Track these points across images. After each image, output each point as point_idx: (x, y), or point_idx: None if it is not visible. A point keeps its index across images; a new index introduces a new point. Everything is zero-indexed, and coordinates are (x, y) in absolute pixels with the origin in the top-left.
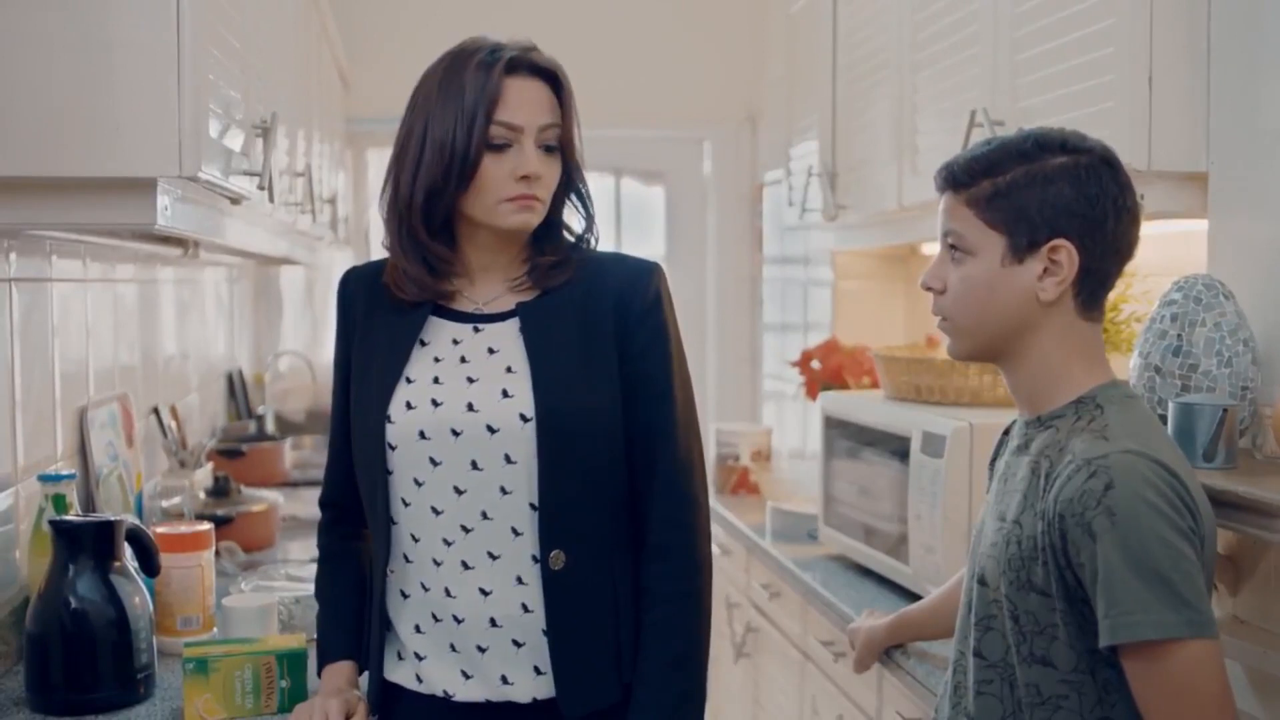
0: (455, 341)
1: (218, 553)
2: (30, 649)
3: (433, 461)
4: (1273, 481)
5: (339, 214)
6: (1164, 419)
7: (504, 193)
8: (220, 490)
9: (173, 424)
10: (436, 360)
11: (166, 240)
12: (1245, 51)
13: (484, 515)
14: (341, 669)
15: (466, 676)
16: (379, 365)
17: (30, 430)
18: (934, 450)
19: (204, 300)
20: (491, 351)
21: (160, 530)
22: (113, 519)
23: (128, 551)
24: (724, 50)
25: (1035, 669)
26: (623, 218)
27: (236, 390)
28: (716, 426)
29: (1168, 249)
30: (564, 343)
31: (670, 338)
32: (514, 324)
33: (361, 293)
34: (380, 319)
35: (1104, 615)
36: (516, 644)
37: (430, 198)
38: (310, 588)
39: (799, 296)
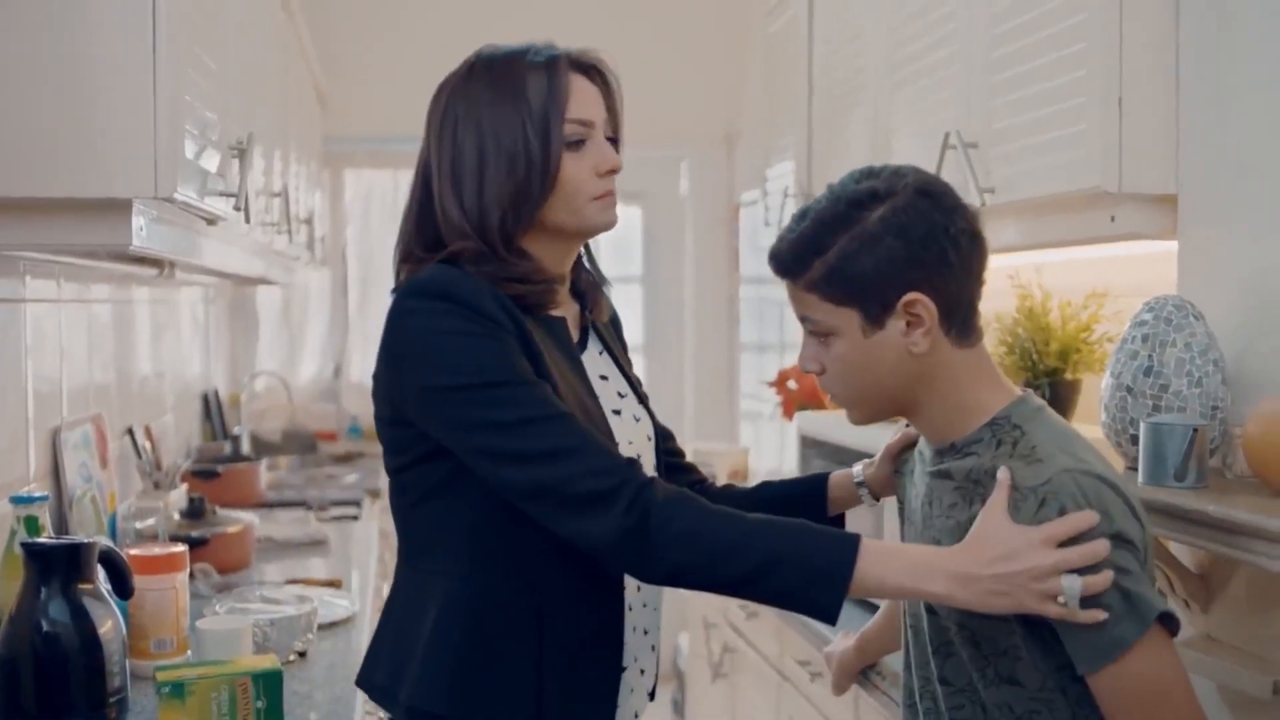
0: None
1: (192, 575)
2: (0, 673)
3: None
4: (1243, 500)
5: (316, 234)
6: (1135, 439)
7: (591, 190)
8: (195, 511)
9: (147, 445)
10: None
11: (142, 260)
12: (1213, 75)
13: None
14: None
15: (631, 691)
16: (574, 389)
17: (2, 451)
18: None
19: (180, 320)
20: (604, 378)
21: (134, 552)
22: (85, 541)
23: (101, 574)
24: (702, 71)
25: (1004, 689)
26: (600, 237)
27: (212, 410)
28: (694, 446)
29: (1139, 270)
30: (629, 365)
31: None
32: (594, 349)
33: (506, 304)
34: (531, 333)
35: (1070, 641)
36: (653, 649)
37: (508, 213)
38: (287, 609)
39: (775, 316)
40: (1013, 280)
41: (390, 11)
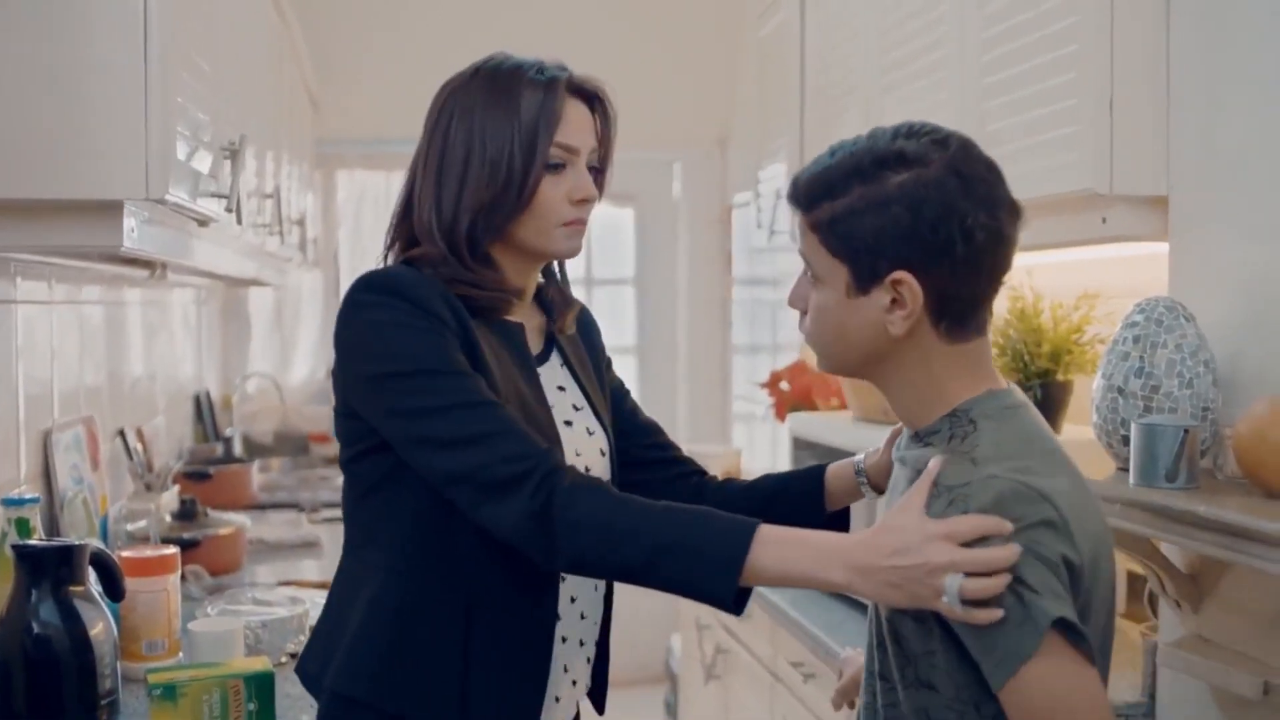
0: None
1: (184, 576)
2: None
3: None
4: (1234, 501)
5: (308, 235)
6: (1126, 440)
7: (562, 216)
8: (187, 513)
9: (139, 446)
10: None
11: (133, 262)
12: (1204, 77)
13: None
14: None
15: (556, 700)
16: (517, 389)
17: None
18: None
19: (171, 322)
20: (561, 390)
21: (125, 554)
22: (76, 543)
23: (92, 576)
24: (694, 73)
25: (922, 693)
26: (593, 239)
27: (204, 412)
28: (687, 448)
29: (1130, 271)
30: (592, 379)
31: None
32: (555, 361)
33: (453, 304)
34: (482, 339)
35: (974, 651)
36: (588, 660)
37: (478, 219)
38: (279, 611)
39: (768, 318)
40: (1004, 282)
41: (382, 14)
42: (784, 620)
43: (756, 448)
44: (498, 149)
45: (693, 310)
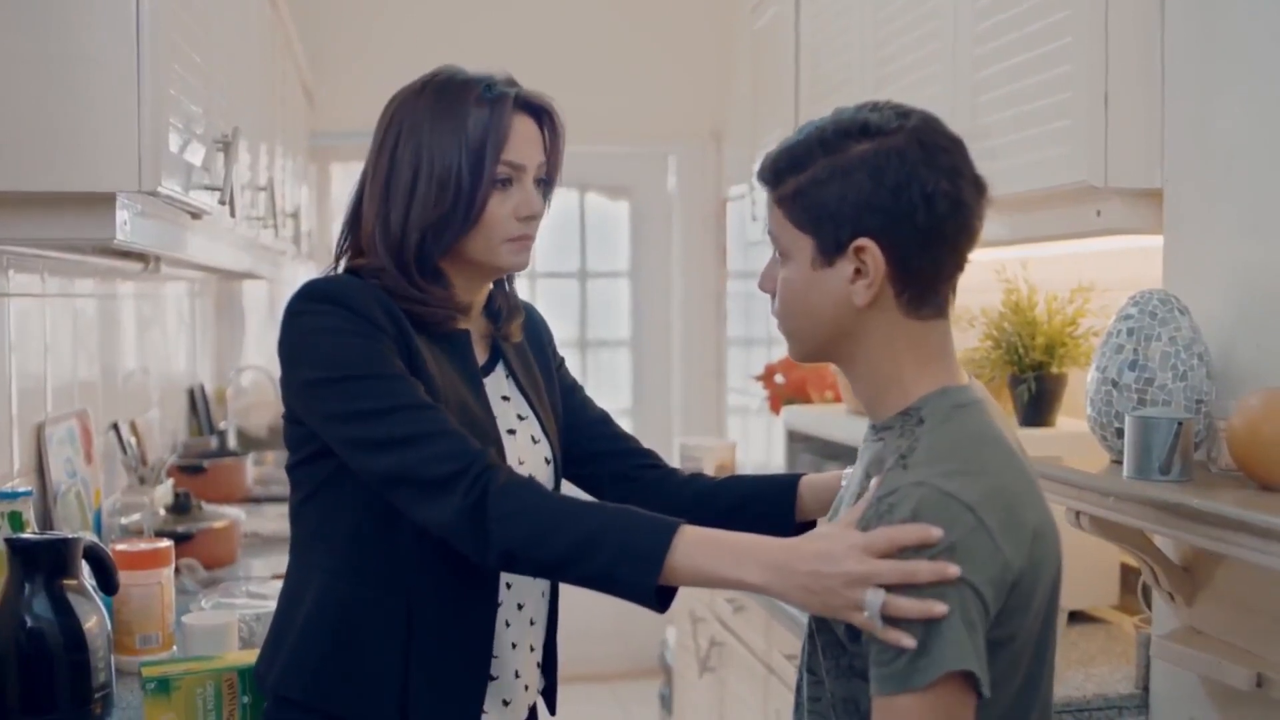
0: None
1: (178, 570)
2: None
3: None
4: (1227, 494)
5: (302, 228)
6: (1120, 433)
7: (507, 232)
8: (181, 507)
9: (133, 440)
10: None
11: (127, 255)
12: (1198, 72)
13: None
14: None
15: (505, 704)
16: (460, 395)
17: None
18: None
19: (165, 315)
20: (505, 399)
21: (119, 548)
22: (70, 536)
23: (86, 569)
24: (689, 67)
25: (855, 682)
26: (587, 233)
27: (198, 405)
28: (681, 441)
29: (1124, 264)
30: (538, 387)
31: None
32: (500, 372)
33: (394, 313)
34: (425, 348)
35: (871, 655)
36: (538, 664)
37: (427, 235)
38: (273, 604)
39: (763, 311)
40: (999, 275)
41: (377, 6)
42: (778, 613)
43: (751, 441)
44: (445, 167)
45: (687, 303)
